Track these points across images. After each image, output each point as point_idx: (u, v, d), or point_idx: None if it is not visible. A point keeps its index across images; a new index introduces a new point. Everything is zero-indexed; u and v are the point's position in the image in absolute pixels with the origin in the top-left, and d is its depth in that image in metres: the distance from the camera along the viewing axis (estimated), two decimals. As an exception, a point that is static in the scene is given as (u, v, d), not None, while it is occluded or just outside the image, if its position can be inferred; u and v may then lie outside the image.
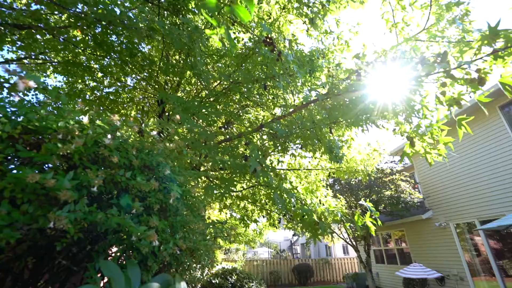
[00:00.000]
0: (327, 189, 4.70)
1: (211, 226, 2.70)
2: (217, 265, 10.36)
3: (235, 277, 5.32)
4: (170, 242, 1.49)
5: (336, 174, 5.07)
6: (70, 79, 3.63)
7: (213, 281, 5.31)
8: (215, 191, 3.38)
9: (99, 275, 1.29)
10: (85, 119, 1.43)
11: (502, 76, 1.59)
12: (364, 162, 4.77)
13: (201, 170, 3.77)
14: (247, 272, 5.73)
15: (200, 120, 3.81)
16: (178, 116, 1.86)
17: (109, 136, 1.37)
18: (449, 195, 9.42)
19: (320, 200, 4.06)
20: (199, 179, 4.08)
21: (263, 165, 2.39)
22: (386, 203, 10.01)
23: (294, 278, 16.28)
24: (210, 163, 3.13)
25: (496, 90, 7.60)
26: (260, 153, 2.83)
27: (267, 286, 15.54)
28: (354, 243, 12.04)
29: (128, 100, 4.57)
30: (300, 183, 4.75)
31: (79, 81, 3.70)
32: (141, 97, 5.36)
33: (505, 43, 1.50)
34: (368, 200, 2.97)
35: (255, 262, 16.20)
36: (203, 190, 3.96)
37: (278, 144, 3.48)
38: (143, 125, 1.71)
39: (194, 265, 4.37)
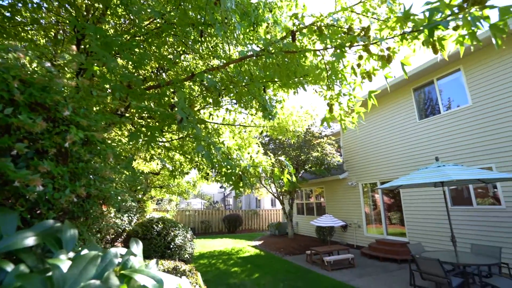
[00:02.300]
0: (259, 146, 4.90)
1: (133, 176, 2.59)
2: (148, 215, 10.33)
3: (161, 225, 5.41)
4: (67, 189, 1.37)
5: (269, 132, 5.29)
6: None
7: (138, 230, 5.32)
8: (140, 140, 3.19)
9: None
10: None
11: (405, 57, 1.79)
12: (296, 123, 5.05)
13: (126, 116, 3.46)
14: (173, 220, 5.88)
15: (126, 61, 3.38)
16: (74, 47, 1.57)
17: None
18: (362, 160, 10.96)
19: (251, 156, 4.24)
20: (124, 126, 3.77)
21: (189, 115, 2.30)
22: (312, 163, 11.11)
23: (224, 227, 17.56)
24: (134, 109, 2.88)
25: (413, 74, 8.66)
26: (187, 103, 2.71)
27: (198, 233, 16.48)
28: (280, 197, 13.33)
29: (31, 21, 3.67)
30: (233, 138, 4.83)
31: None
32: (53, 20, 4.39)
33: (413, 27, 1.66)
34: (288, 158, 3.22)
35: (187, 212, 16.74)
36: (127, 138, 3.68)
37: (210, 97, 3.38)
38: (28, 54, 1.40)
39: (114, 214, 4.26)
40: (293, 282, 6.33)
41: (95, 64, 2.67)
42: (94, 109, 2.82)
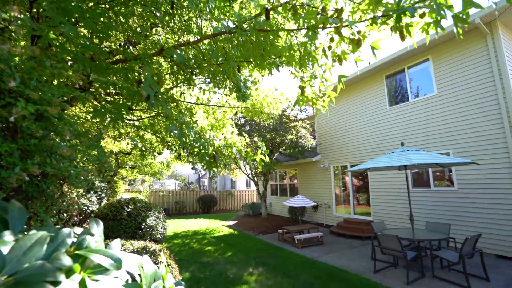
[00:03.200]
0: (233, 127, 4.87)
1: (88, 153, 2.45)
2: (119, 195, 10.04)
3: (132, 206, 5.29)
4: (17, 167, 1.27)
5: (244, 113, 5.25)
6: None
7: (107, 211, 5.16)
8: (108, 118, 3.02)
9: None
10: None
11: (375, 41, 1.82)
12: (270, 105, 5.05)
13: (89, 91, 3.22)
14: (145, 201, 5.76)
15: (88, 31, 3.10)
16: (16, 7, 1.39)
17: None
18: (335, 143, 11.34)
19: (225, 137, 4.21)
20: (87, 102, 3.53)
21: (157, 93, 2.20)
22: (287, 145, 11.30)
23: (198, 207, 17.62)
24: (98, 84, 2.69)
25: (387, 61, 8.91)
26: (156, 79, 2.58)
27: (172, 214, 16.42)
28: (255, 178, 13.53)
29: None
30: (207, 118, 4.74)
31: None
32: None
33: (383, 12, 1.68)
34: (261, 139, 3.24)
35: (161, 192, 16.52)
36: (90, 114, 3.46)
37: (183, 74, 3.24)
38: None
39: (76, 194, 4.07)
40: (265, 259, 6.59)
41: (51, 32, 2.43)
42: (54, 82, 2.60)
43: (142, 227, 5.07)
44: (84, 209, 5.44)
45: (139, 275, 1.12)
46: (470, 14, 1.45)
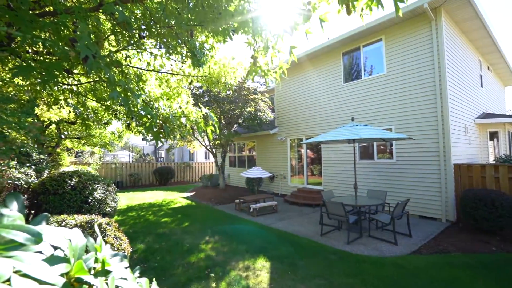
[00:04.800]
0: (189, 97, 4.65)
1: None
2: (63, 168, 9.22)
3: (77, 179, 4.90)
4: None
5: (200, 81, 5.03)
6: None
7: (47, 186, 4.72)
8: (38, 80, 2.63)
9: None
10: None
11: (324, 13, 1.83)
12: (227, 74, 4.88)
13: (11, 48, 2.73)
14: (92, 173, 5.37)
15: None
16: None
17: None
18: (292, 116, 11.66)
19: (180, 107, 4.02)
20: (9, 61, 3.03)
21: (96, 53, 1.96)
22: (246, 118, 11.30)
23: (155, 179, 17.15)
24: (20, 38, 2.28)
25: (343, 38, 9.12)
26: (94, 38, 2.29)
27: (126, 187, 15.76)
28: (213, 150, 13.46)
29: None
30: (160, 86, 4.44)
31: None
32: None
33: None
34: (212, 111, 3.17)
35: (114, 165, 15.60)
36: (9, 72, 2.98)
37: (127, 35, 2.92)
38: None
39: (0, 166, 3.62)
40: (221, 228, 6.81)
41: None
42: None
43: (89, 201, 4.78)
44: (19, 184, 4.91)
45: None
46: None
